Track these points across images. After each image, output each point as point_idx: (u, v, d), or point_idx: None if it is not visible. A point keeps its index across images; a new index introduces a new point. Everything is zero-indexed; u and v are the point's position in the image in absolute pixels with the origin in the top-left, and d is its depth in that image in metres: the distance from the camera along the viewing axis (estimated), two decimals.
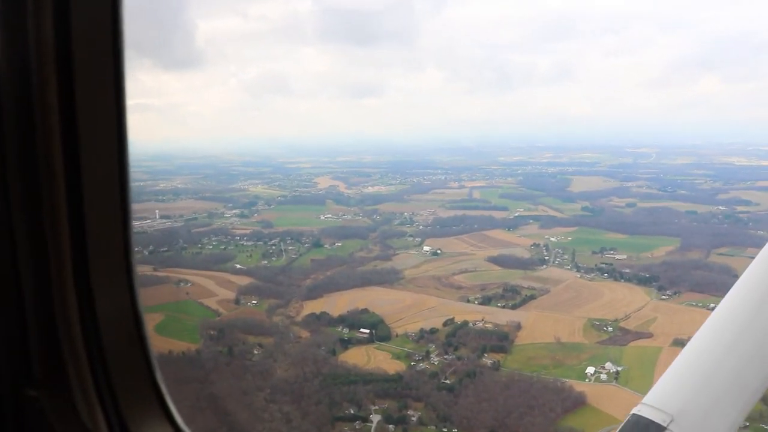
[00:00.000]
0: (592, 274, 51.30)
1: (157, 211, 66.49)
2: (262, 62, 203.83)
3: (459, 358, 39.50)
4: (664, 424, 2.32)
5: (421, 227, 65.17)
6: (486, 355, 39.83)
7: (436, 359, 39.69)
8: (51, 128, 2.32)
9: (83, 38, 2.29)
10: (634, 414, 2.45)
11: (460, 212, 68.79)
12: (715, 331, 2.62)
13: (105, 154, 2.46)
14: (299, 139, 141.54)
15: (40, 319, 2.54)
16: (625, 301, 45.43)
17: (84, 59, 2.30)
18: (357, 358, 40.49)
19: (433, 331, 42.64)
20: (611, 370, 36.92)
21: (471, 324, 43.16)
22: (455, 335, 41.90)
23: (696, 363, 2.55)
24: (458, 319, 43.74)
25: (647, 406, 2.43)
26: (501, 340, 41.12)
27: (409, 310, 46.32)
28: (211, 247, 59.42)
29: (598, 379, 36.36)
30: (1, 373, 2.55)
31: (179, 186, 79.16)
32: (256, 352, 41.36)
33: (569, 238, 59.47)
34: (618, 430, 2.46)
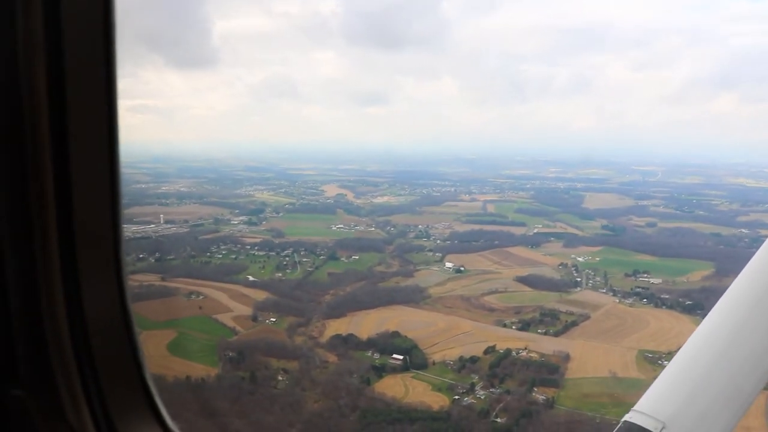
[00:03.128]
0: (631, 299, 46.77)
1: (161, 215, 61.53)
2: (273, 65, 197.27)
3: (507, 393, 34.65)
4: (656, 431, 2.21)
5: (438, 241, 60.34)
6: (536, 389, 35.05)
7: (481, 393, 34.83)
8: (40, 130, 2.17)
9: (74, 37, 2.16)
10: (625, 421, 2.34)
11: (476, 227, 64.17)
12: (707, 337, 2.50)
13: (95, 155, 2.30)
14: (301, 144, 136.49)
15: (27, 319, 2.34)
16: (674, 331, 40.87)
17: (75, 58, 2.17)
18: (394, 388, 35.52)
19: (474, 359, 37.80)
20: None
21: (515, 353, 38.35)
22: (499, 365, 37.09)
23: (688, 369, 2.44)
24: (499, 347, 38.93)
25: (639, 413, 2.32)
26: (551, 373, 36.36)
27: (443, 334, 41.45)
28: (220, 256, 54.30)
29: None
30: None
31: (182, 190, 73.99)
32: (281, 378, 36.26)
33: (597, 259, 55.03)
34: None
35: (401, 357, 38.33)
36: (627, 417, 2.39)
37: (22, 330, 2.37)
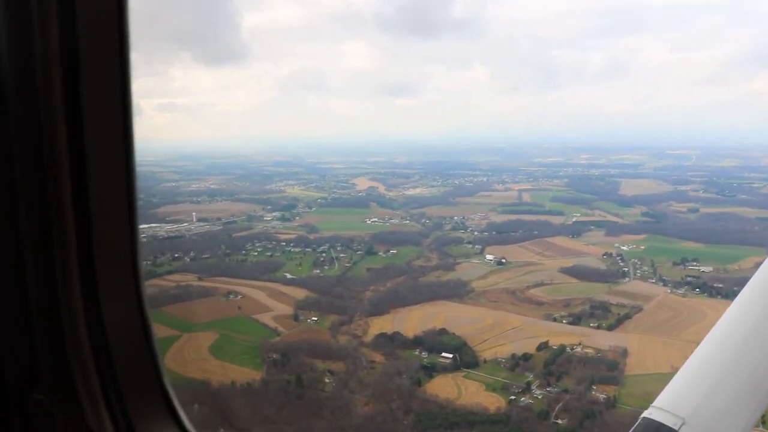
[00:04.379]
0: (682, 289, 44.56)
1: (194, 213, 60.32)
2: (302, 57, 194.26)
3: (566, 392, 32.74)
4: (676, 428, 2.20)
5: (476, 233, 58.37)
6: (595, 387, 33.10)
7: (538, 392, 32.96)
8: (56, 130, 2.15)
9: (89, 36, 2.13)
10: (645, 417, 2.31)
11: (514, 217, 62.13)
12: (727, 332, 2.47)
13: (112, 159, 2.29)
14: (328, 138, 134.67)
15: (47, 323, 2.36)
16: None
17: (90, 58, 2.15)
18: (446, 389, 33.78)
19: (527, 357, 35.93)
20: None
21: (569, 349, 36.41)
22: (554, 363, 35.18)
23: (708, 365, 2.42)
24: (552, 343, 37.02)
25: (658, 409, 2.30)
26: (610, 370, 34.42)
27: (492, 330, 39.58)
28: (256, 253, 52.82)
29: None
30: (7, 378, 2.39)
31: (213, 187, 72.75)
32: (327, 380, 34.63)
33: (642, 247, 52.80)
34: None
35: (450, 355, 36.57)
36: (647, 413, 2.31)
37: (42, 335, 2.36)
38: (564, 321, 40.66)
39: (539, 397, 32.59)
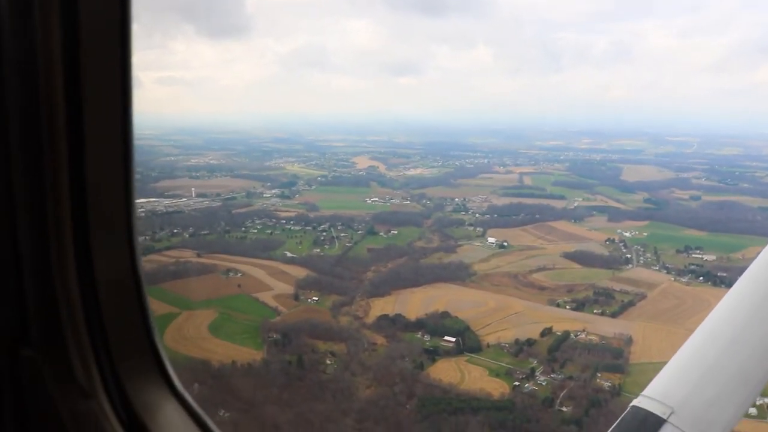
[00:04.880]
0: (686, 277, 43.93)
1: (193, 188, 59.35)
2: (307, 33, 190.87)
3: (570, 379, 32.17)
4: (665, 417, 2.20)
5: (477, 215, 57.61)
6: (599, 375, 32.54)
7: (542, 379, 32.38)
8: (55, 106, 2.12)
9: (90, 33, 2.14)
10: (633, 406, 2.29)
11: (515, 200, 61.38)
12: (718, 324, 2.48)
13: (109, 117, 2.27)
14: (327, 115, 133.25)
15: (38, 279, 2.34)
16: None
17: (91, 55, 2.15)
18: (449, 373, 33.15)
19: (530, 342, 35.35)
20: (758, 402, 29.50)
21: (573, 335, 35.82)
22: (558, 349, 34.59)
23: (698, 356, 2.42)
24: (556, 329, 36.41)
25: (648, 398, 2.27)
26: (615, 358, 33.83)
27: (494, 314, 38.92)
28: (255, 231, 51.96)
29: (746, 415, 28.94)
30: None
31: (212, 162, 71.66)
32: (329, 362, 33.98)
33: (644, 234, 52.17)
34: (617, 422, 2.25)
35: (453, 339, 35.92)
36: (636, 402, 2.28)
37: (33, 291, 2.36)
38: (567, 307, 40.08)
39: (543, 383, 32.04)
